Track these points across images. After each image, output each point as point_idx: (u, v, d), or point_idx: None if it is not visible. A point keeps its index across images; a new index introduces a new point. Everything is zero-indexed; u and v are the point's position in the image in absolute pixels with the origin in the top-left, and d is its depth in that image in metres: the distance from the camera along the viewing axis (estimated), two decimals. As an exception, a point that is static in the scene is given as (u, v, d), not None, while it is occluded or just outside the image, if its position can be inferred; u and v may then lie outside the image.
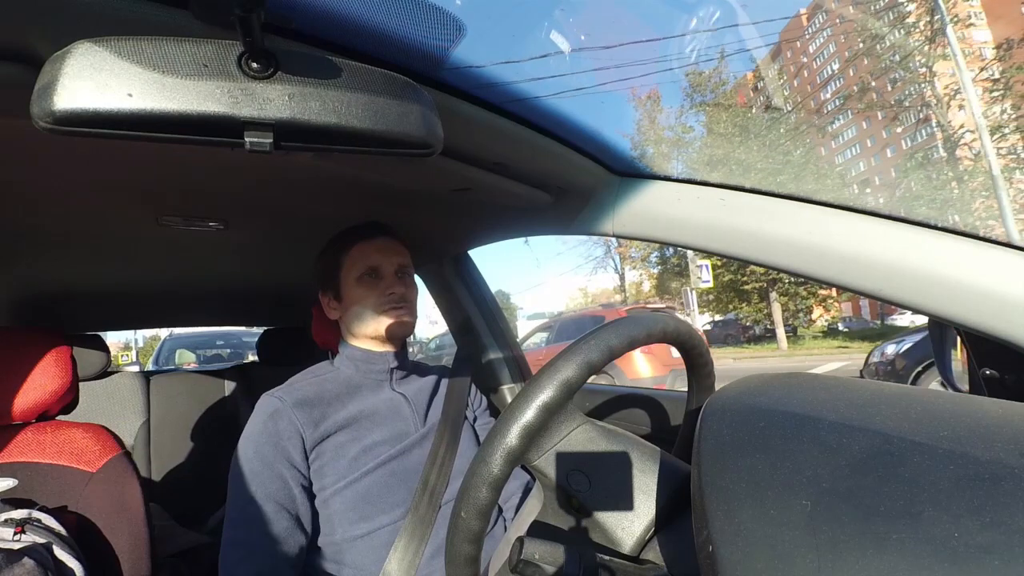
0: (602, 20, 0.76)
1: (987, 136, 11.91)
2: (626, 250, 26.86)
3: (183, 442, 1.79)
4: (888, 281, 0.60)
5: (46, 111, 0.33)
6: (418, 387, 0.98)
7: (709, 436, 0.40)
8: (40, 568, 0.72)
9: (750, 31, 1.44)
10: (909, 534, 0.28)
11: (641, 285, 30.60)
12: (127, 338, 32.69)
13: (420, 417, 0.94)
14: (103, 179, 0.77)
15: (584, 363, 0.52)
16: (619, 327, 0.56)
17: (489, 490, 0.49)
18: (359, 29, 0.53)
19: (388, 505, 0.83)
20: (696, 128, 14.66)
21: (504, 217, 1.09)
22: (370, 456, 0.85)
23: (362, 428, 0.87)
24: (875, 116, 21.23)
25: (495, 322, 1.53)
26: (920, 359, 4.72)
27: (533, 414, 0.50)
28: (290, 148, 0.39)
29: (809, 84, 30.49)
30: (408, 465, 0.88)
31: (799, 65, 31.13)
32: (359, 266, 0.92)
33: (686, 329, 0.64)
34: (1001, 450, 0.30)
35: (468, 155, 0.75)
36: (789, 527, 0.31)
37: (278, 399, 0.85)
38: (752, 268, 18.00)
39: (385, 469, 0.85)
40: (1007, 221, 10.27)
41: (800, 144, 18.03)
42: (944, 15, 12.94)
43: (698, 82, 15.17)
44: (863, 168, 38.68)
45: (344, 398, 0.89)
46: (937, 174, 16.26)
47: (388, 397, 0.93)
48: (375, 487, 0.83)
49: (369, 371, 0.94)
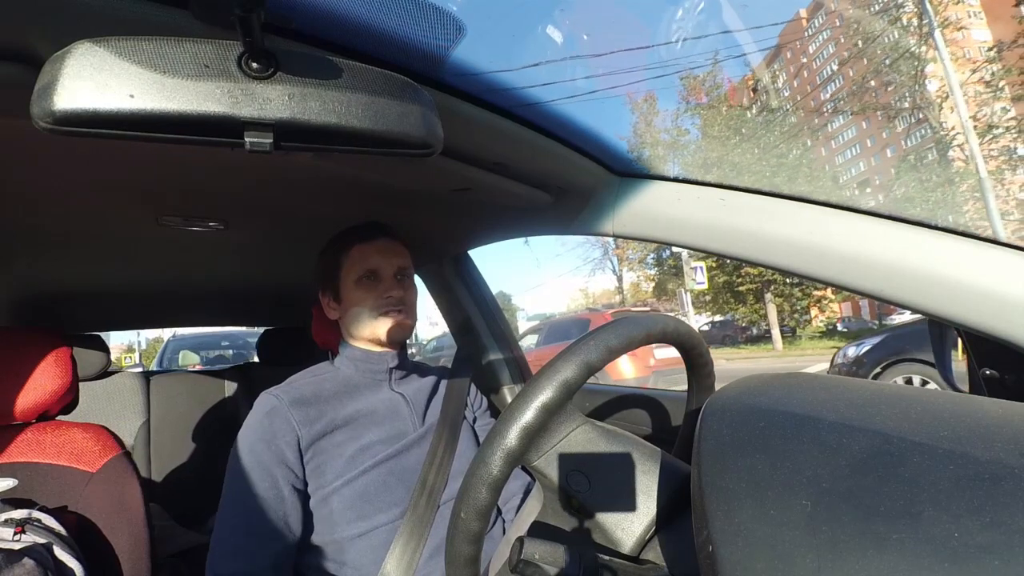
0: (602, 20, 0.76)
1: (974, 138, 11.95)
2: (623, 252, 26.89)
3: (183, 442, 1.79)
4: (888, 281, 0.60)
5: (46, 111, 0.33)
6: (417, 387, 0.98)
7: (709, 436, 0.40)
8: (40, 568, 0.72)
9: (745, 35, 1.44)
10: (909, 534, 0.28)
11: (639, 286, 30.64)
12: (130, 340, 32.74)
13: (419, 417, 0.94)
14: (103, 179, 0.77)
15: (583, 363, 0.52)
16: (618, 327, 0.56)
17: (489, 491, 0.49)
18: (359, 29, 0.53)
19: (386, 504, 0.83)
20: (692, 131, 14.73)
21: (504, 217, 1.09)
22: (368, 455, 0.85)
23: (360, 427, 0.87)
24: (874, 116, 21.26)
25: (495, 322, 1.53)
26: (878, 360, 4.91)
27: (532, 415, 0.50)
28: (290, 148, 0.39)
29: (809, 84, 30.45)
30: (406, 465, 0.88)
31: (799, 66, 31.10)
32: (358, 268, 0.92)
33: (686, 329, 0.64)
34: (1001, 450, 0.30)
35: (468, 155, 0.75)
36: (789, 527, 0.31)
37: (275, 397, 0.85)
38: (747, 270, 18.04)
39: (383, 468, 0.85)
40: (994, 223, 10.33)
41: (795, 145, 18.07)
42: (932, 19, 12.97)
43: (692, 85, 15.21)
44: (863, 168, 38.62)
45: (342, 397, 0.89)
46: (929, 175, 16.32)
47: (387, 397, 0.93)
48: (373, 486, 0.83)
49: (368, 371, 0.94)
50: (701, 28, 0.78)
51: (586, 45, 0.74)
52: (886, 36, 16.54)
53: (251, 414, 0.85)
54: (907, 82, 16.55)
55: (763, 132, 17.24)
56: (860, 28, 18.27)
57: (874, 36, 17.15)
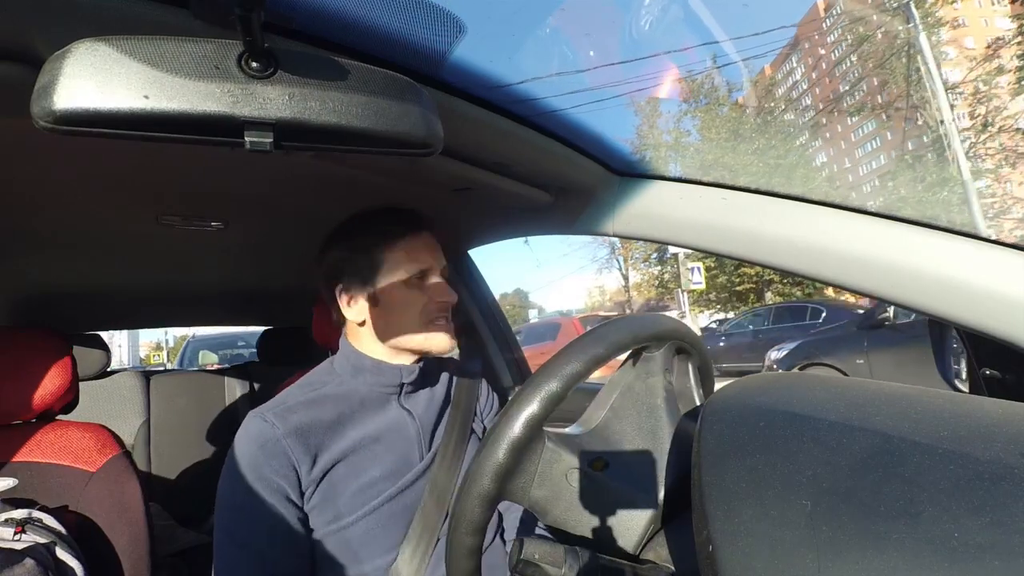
0: (603, 20, 0.76)
1: (957, 142, 12.10)
2: (628, 251, 26.86)
3: (183, 442, 1.80)
4: (888, 281, 0.60)
5: (46, 111, 0.33)
6: (427, 400, 0.87)
7: (709, 436, 0.40)
8: (40, 568, 0.72)
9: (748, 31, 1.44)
10: (909, 534, 0.28)
11: (643, 285, 30.60)
12: (158, 339, 32.97)
13: (427, 439, 0.84)
14: (103, 179, 0.77)
15: (590, 359, 0.51)
16: (617, 327, 0.56)
17: (482, 506, 0.49)
18: (359, 29, 0.53)
19: (383, 549, 0.76)
20: (693, 133, 14.71)
21: (504, 217, 1.09)
22: (370, 494, 0.76)
23: (363, 459, 0.77)
24: (886, 113, 21.25)
25: (495, 322, 1.53)
26: (792, 364, 5.88)
27: (503, 452, 0.49)
28: (290, 148, 0.39)
29: (816, 87, 30.29)
30: (408, 502, 0.79)
31: (816, 58, 30.87)
32: (408, 265, 0.79)
33: (685, 329, 0.64)
34: (1001, 450, 0.30)
35: (468, 155, 0.75)
36: (789, 527, 0.31)
37: (270, 425, 0.73)
38: (745, 270, 18.03)
39: (384, 510, 0.76)
40: (975, 219, 10.48)
41: (793, 144, 18.07)
42: (916, 23, 13.03)
43: (692, 88, 15.22)
44: (884, 161, 38.24)
45: (344, 421, 0.78)
46: (927, 175, 16.37)
47: (394, 416, 0.82)
48: (370, 529, 0.76)
49: (377, 384, 0.82)
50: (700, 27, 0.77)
51: (587, 44, 0.74)
52: (876, 35, 16.59)
53: (241, 440, 0.73)
54: (896, 81, 16.61)
55: (759, 134, 17.25)
56: (855, 28, 18.32)
57: (865, 36, 17.19)
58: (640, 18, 0.70)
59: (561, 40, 0.69)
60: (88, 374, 1.47)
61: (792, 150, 18.12)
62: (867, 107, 21.57)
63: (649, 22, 0.69)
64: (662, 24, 0.70)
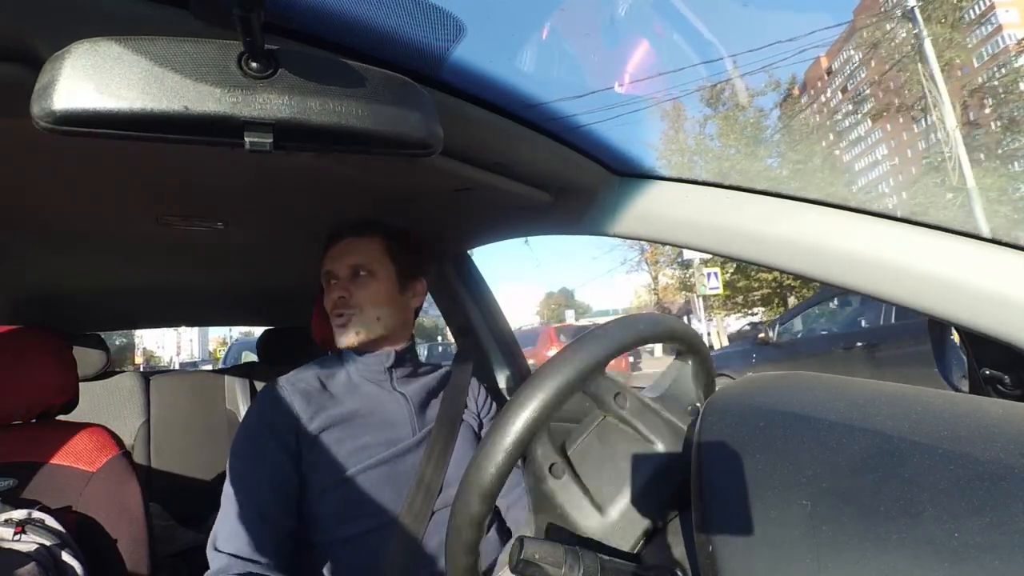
0: (603, 20, 0.76)
1: (962, 149, 12.13)
2: (653, 255, 26.75)
3: (183, 442, 1.80)
4: (889, 281, 0.60)
5: (46, 111, 0.33)
6: (420, 386, 0.97)
7: (709, 436, 0.40)
8: (41, 568, 0.72)
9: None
10: (909, 534, 0.28)
11: (668, 289, 30.50)
12: (223, 333, 34.89)
13: (419, 420, 0.93)
14: (103, 179, 0.77)
15: (595, 358, 0.51)
16: (619, 325, 0.56)
17: (482, 500, 0.49)
18: (359, 29, 0.53)
19: (376, 509, 0.82)
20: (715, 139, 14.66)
21: (504, 217, 1.09)
22: (363, 456, 0.85)
23: (358, 427, 0.87)
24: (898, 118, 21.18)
25: (495, 322, 1.53)
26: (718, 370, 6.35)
27: (501, 460, 0.49)
28: (290, 148, 0.39)
29: (877, 74, 29.60)
30: (401, 470, 0.87)
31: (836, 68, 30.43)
32: (323, 271, 0.94)
33: (683, 328, 0.64)
34: (1001, 450, 0.30)
35: (468, 155, 0.75)
36: (789, 527, 0.31)
37: (282, 385, 0.88)
38: (762, 275, 17.98)
39: (376, 472, 0.85)
40: (978, 221, 10.54)
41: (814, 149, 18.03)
42: (922, 30, 13.04)
43: (711, 95, 15.16)
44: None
45: (345, 394, 0.90)
46: (943, 179, 16.38)
47: (388, 397, 0.93)
48: (364, 489, 0.83)
49: (367, 369, 0.93)
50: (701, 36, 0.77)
51: (587, 44, 0.74)
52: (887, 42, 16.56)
53: (257, 399, 0.88)
54: (910, 85, 16.58)
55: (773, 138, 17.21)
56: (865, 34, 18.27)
57: (876, 42, 17.14)
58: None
59: (561, 40, 0.69)
60: (88, 374, 1.47)
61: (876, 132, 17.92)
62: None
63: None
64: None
